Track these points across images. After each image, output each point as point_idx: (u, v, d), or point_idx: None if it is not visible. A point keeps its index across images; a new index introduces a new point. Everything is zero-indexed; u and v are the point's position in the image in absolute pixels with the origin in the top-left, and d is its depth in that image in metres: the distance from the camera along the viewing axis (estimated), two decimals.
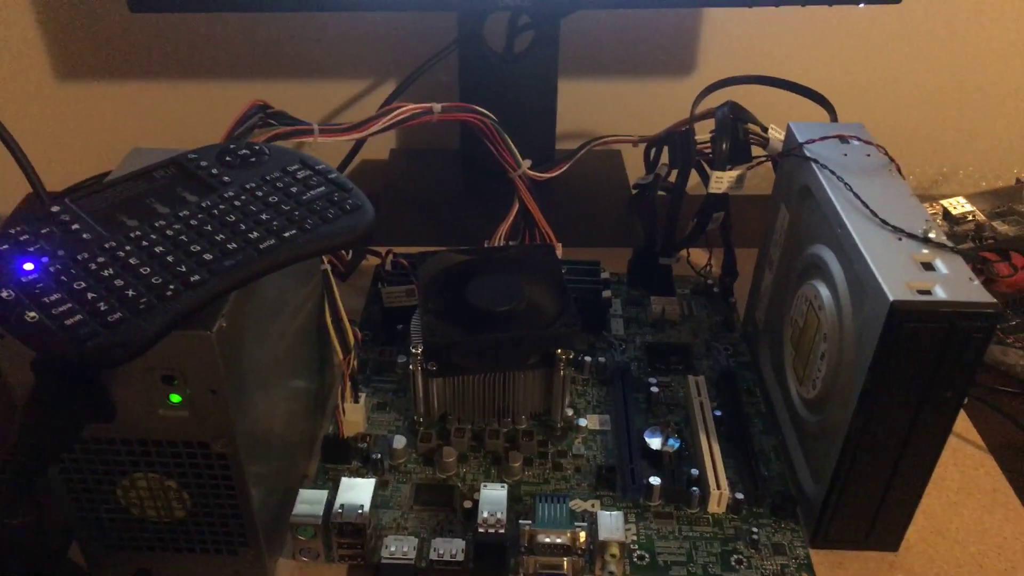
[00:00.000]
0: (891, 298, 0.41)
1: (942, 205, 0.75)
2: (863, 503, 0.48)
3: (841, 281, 0.47)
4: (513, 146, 0.64)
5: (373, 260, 0.68)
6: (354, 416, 0.54)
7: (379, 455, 0.53)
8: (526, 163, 0.65)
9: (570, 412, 0.56)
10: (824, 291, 0.49)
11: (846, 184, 0.48)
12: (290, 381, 0.52)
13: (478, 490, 0.49)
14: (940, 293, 0.41)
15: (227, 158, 0.46)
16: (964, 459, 0.55)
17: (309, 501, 0.47)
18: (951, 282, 0.42)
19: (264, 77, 0.87)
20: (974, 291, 0.41)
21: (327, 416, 0.57)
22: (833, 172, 0.50)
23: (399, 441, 0.54)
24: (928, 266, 0.43)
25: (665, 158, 0.66)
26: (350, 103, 0.89)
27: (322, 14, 0.83)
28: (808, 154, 0.52)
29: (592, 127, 0.90)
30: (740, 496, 0.51)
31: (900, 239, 0.45)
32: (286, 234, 0.41)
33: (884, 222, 0.46)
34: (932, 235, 0.44)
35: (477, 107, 0.62)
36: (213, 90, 0.88)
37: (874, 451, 0.45)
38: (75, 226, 0.40)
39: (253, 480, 0.44)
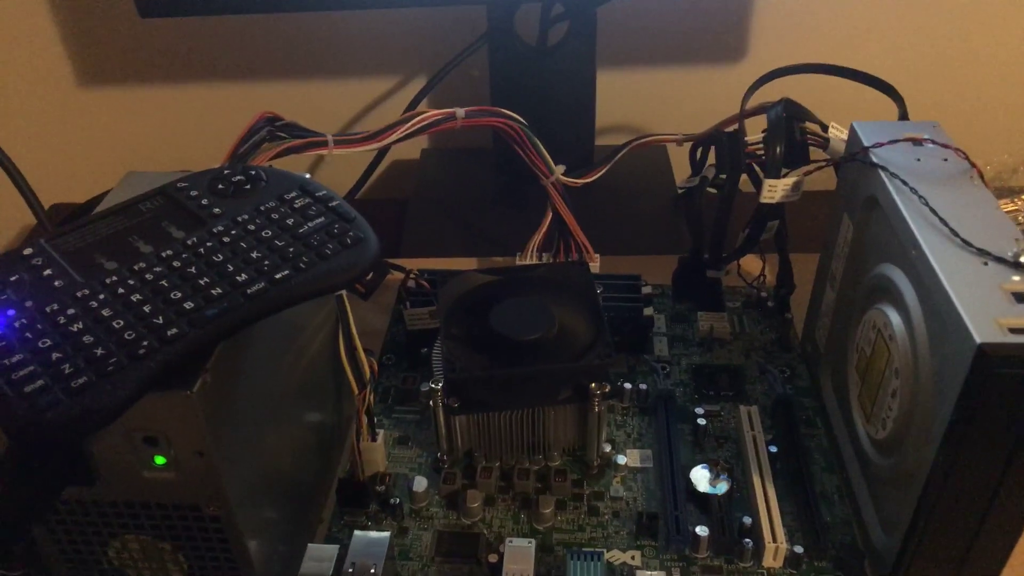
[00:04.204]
0: (978, 340, 0.34)
1: None
2: (943, 562, 0.42)
3: (916, 310, 0.41)
4: (544, 151, 0.59)
5: (397, 276, 0.64)
6: (372, 455, 0.50)
7: (398, 499, 0.49)
8: (559, 169, 0.60)
9: (608, 448, 0.51)
10: (895, 319, 0.43)
11: (920, 196, 0.42)
12: (301, 417, 0.48)
13: (504, 540, 0.45)
14: None
15: (219, 185, 0.42)
16: None
17: (318, 558, 0.43)
18: None
19: (283, 79, 0.83)
20: None
21: (344, 453, 0.53)
22: (905, 182, 0.43)
23: (420, 483, 0.49)
24: (1021, 297, 0.37)
25: (713, 158, 0.59)
26: (377, 103, 0.85)
27: (342, 12, 0.78)
28: (875, 160, 0.46)
29: (634, 122, 0.84)
30: (799, 549, 0.45)
31: (986, 263, 0.38)
32: (278, 275, 0.37)
33: (966, 243, 0.39)
34: None
35: (504, 111, 0.57)
36: (231, 93, 0.84)
37: (957, 506, 0.39)
38: (47, 271, 0.36)
39: (253, 539, 0.40)
